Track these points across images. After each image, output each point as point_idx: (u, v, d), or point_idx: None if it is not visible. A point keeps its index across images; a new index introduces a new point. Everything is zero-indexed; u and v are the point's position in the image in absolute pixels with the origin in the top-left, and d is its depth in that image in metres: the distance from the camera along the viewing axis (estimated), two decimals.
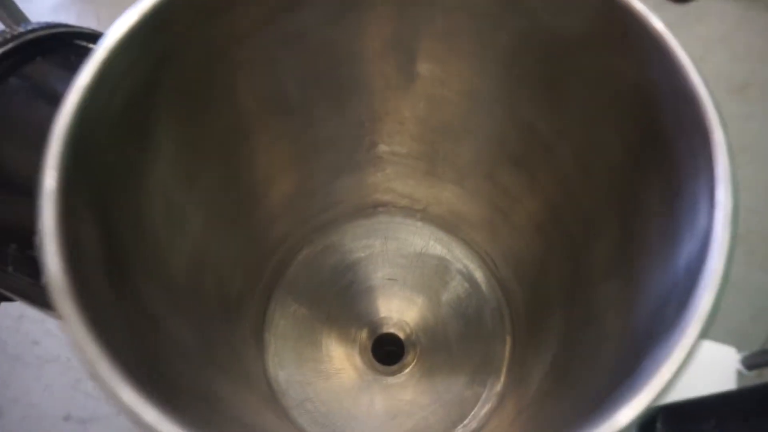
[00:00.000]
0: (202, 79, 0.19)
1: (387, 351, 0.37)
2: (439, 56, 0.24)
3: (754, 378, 0.79)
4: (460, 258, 0.37)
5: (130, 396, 0.11)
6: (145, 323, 0.17)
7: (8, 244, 0.21)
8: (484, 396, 0.33)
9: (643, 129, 0.18)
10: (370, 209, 0.36)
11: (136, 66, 0.16)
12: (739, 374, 0.82)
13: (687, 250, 0.14)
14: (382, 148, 0.29)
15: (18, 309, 1.17)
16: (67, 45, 0.25)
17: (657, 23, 0.16)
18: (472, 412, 0.32)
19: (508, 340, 0.34)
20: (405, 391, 0.35)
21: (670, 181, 0.16)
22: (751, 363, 0.80)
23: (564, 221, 0.25)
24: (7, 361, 1.14)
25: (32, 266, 0.21)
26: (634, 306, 0.18)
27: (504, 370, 0.33)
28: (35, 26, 0.24)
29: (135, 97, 0.16)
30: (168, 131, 0.18)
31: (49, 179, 0.13)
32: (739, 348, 0.86)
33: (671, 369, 0.12)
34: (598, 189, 0.22)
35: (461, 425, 0.32)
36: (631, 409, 0.12)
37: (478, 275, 0.36)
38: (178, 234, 0.20)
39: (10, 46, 0.22)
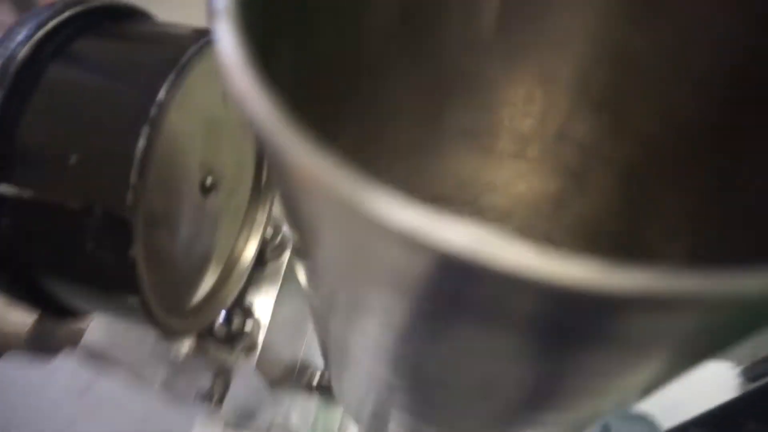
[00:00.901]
0: None
1: None
2: None
3: None
4: None
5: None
6: None
7: (91, 210, 0.18)
8: None
9: None
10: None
11: None
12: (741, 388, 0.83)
13: None
14: (447, 121, 0.28)
15: None
16: (122, 17, 0.23)
17: None
18: None
19: None
20: None
21: None
22: (750, 375, 0.81)
23: (659, 157, 0.24)
24: None
25: (119, 235, 0.18)
26: None
27: None
28: None
29: None
30: None
31: None
32: (738, 362, 0.86)
33: None
34: (704, 107, 0.21)
35: None
36: None
37: None
38: None
39: (78, 9, 0.20)
